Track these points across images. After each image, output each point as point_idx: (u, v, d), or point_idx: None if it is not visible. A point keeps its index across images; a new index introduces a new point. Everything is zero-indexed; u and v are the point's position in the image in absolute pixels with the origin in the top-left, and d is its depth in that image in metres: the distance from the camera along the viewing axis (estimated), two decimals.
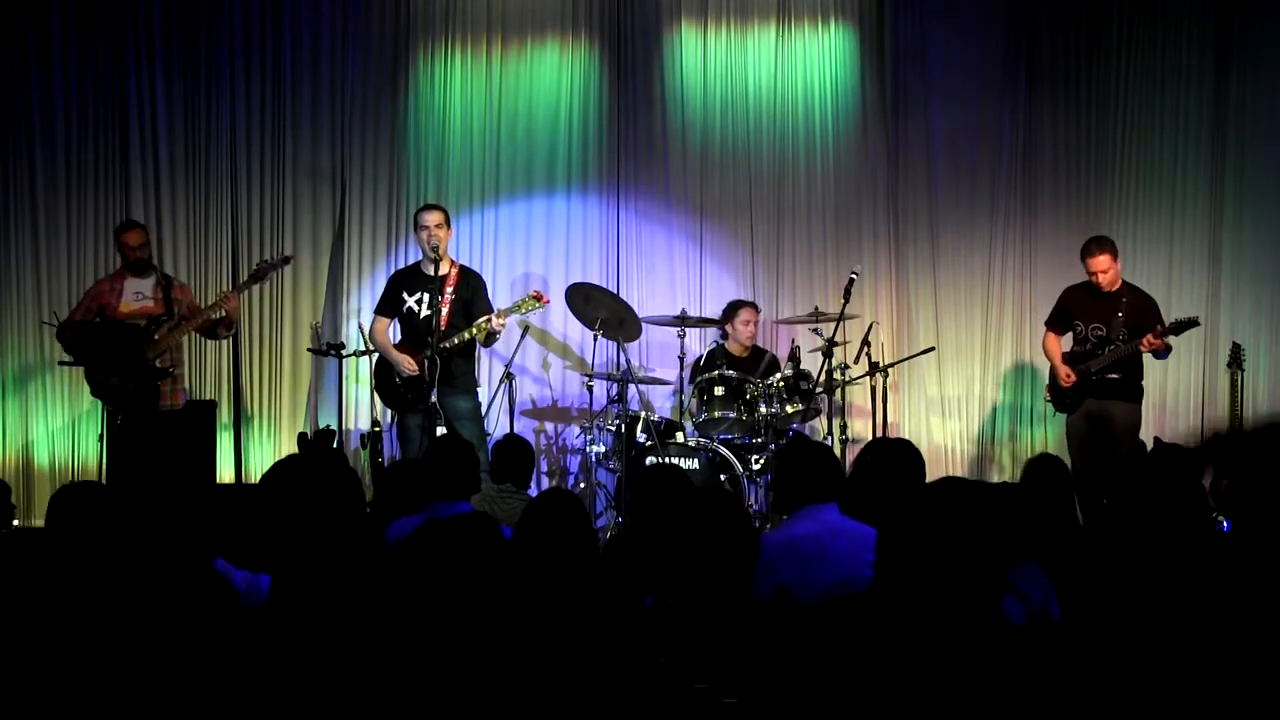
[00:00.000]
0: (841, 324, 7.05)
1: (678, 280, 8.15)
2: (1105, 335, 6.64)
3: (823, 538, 3.48)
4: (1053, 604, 3.24)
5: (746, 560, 3.07)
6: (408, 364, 6.61)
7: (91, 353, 6.53)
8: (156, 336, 6.60)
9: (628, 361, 7.22)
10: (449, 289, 6.66)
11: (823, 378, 6.97)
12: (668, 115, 8.10)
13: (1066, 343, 6.92)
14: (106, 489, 3.17)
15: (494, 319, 6.50)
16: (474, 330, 6.51)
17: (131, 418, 6.53)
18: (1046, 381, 7.07)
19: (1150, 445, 5.83)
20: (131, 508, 3.00)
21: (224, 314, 6.66)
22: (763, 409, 6.93)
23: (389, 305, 6.85)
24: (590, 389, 7.33)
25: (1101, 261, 6.60)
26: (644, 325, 7.39)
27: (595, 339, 7.14)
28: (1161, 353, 6.66)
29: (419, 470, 4.48)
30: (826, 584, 3.28)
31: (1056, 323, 6.93)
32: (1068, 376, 6.68)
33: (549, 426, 8.05)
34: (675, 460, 6.72)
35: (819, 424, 7.50)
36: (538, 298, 6.72)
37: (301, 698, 2.47)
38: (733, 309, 7.50)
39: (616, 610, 3.01)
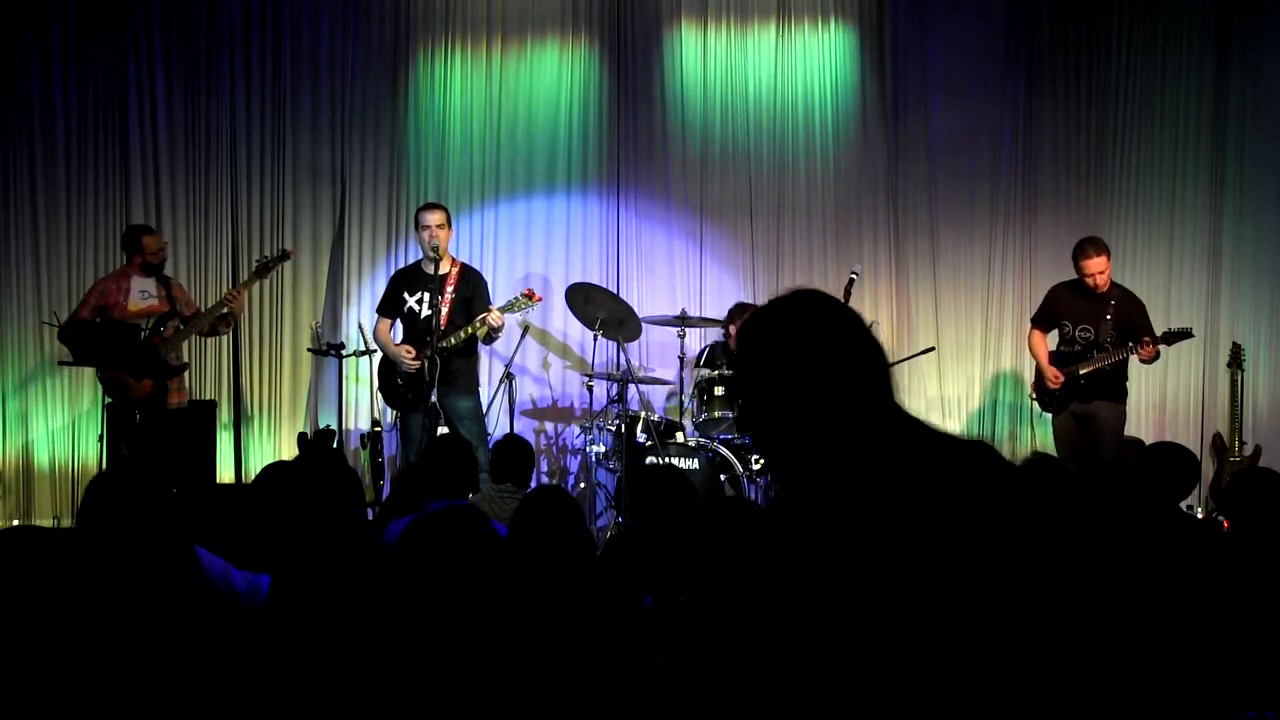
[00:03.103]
0: None
1: (678, 280, 8.15)
2: (1093, 338, 6.49)
3: None
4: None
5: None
6: (407, 352, 6.61)
7: (92, 353, 6.53)
8: (166, 334, 6.62)
9: (628, 361, 7.22)
10: (449, 288, 6.65)
11: None
12: (668, 115, 8.11)
13: (1052, 340, 6.76)
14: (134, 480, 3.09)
15: (491, 312, 6.48)
16: (472, 327, 6.50)
17: (149, 415, 6.56)
18: (1032, 380, 7.02)
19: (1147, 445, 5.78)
20: (144, 501, 2.99)
21: (227, 311, 6.68)
22: None
23: (390, 305, 6.84)
24: (590, 389, 7.33)
25: (1099, 263, 6.41)
26: (644, 325, 7.38)
27: (595, 339, 7.14)
28: (1151, 359, 6.52)
29: (417, 470, 4.48)
30: None
31: (1043, 321, 6.77)
32: (1055, 379, 6.53)
33: (549, 426, 8.05)
34: (675, 460, 6.72)
35: None
36: (530, 295, 6.71)
37: (301, 697, 2.47)
38: (737, 313, 7.47)
39: (615, 609, 3.00)
